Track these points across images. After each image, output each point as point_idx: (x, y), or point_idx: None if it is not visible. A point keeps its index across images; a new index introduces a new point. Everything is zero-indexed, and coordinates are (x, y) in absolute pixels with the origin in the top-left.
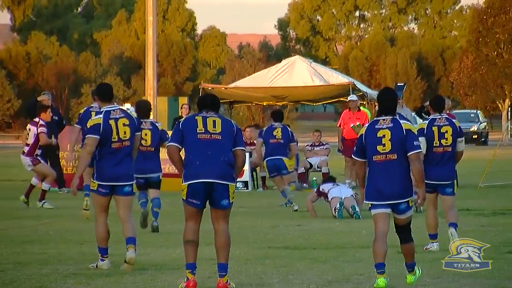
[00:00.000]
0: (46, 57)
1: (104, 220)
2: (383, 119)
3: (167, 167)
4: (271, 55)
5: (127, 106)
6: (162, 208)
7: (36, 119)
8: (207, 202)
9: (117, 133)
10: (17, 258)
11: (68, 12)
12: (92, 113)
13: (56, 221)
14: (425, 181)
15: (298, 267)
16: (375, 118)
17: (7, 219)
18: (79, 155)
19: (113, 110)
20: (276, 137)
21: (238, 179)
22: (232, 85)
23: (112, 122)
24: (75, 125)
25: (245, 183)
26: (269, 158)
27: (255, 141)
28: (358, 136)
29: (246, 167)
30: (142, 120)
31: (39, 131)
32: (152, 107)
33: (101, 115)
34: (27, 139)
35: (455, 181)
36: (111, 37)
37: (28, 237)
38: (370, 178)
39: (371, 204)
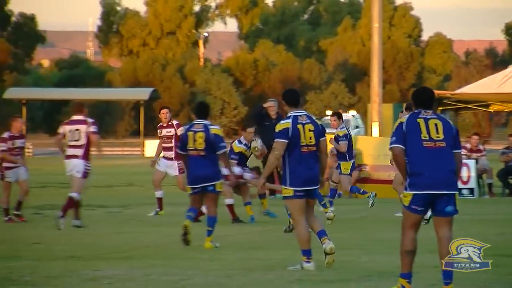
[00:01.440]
0: (273, 64)
1: (304, 222)
2: None
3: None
4: (497, 61)
5: (352, 113)
6: (382, 215)
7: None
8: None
9: (304, 138)
10: (243, 264)
11: (295, 20)
12: None
13: (280, 227)
14: None
15: None
16: None
17: (232, 225)
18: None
19: (300, 115)
20: None
21: (464, 186)
22: (458, 91)
23: (300, 126)
24: None
25: (471, 190)
26: None
27: (480, 148)
28: None
29: (473, 173)
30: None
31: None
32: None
33: (290, 120)
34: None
35: None
36: (337, 44)
37: (253, 243)
38: None
39: None
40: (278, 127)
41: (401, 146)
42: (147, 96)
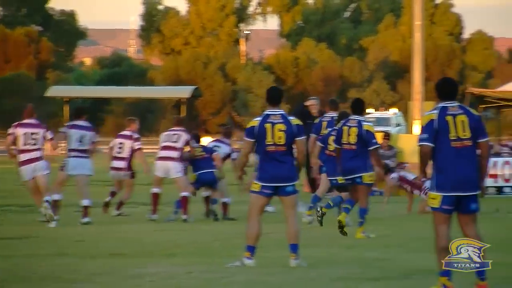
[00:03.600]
0: (314, 62)
1: (258, 219)
2: None
3: None
4: None
5: (393, 111)
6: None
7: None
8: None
9: (272, 137)
10: (286, 261)
11: (336, 18)
12: (323, 123)
13: (325, 225)
14: None
15: None
16: None
17: (274, 223)
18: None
19: (274, 114)
20: None
21: (506, 184)
22: (500, 89)
23: (268, 125)
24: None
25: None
26: None
27: None
28: None
29: None
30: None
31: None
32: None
33: (260, 118)
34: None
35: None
36: (378, 42)
37: None
38: None
39: None
40: (248, 125)
41: (432, 144)
42: (188, 94)
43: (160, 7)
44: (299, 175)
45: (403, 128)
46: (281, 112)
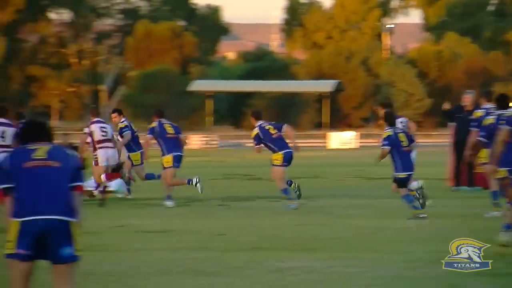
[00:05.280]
0: (457, 56)
1: None
2: None
3: None
4: None
5: None
6: None
7: None
8: None
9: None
10: (426, 256)
11: (480, 11)
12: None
13: (473, 218)
14: None
15: None
16: None
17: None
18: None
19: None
20: None
21: None
22: None
23: None
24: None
25: None
26: None
27: None
28: None
29: None
30: None
31: None
32: None
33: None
34: None
35: None
36: None
37: (440, 233)
38: None
39: None
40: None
41: None
42: (331, 88)
43: (303, 0)
44: None
45: None
46: None
